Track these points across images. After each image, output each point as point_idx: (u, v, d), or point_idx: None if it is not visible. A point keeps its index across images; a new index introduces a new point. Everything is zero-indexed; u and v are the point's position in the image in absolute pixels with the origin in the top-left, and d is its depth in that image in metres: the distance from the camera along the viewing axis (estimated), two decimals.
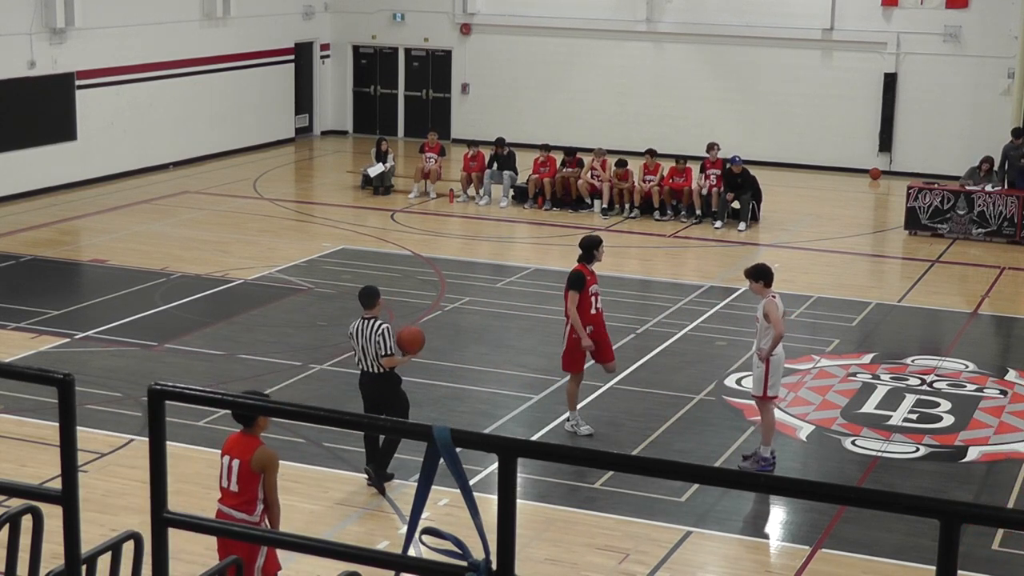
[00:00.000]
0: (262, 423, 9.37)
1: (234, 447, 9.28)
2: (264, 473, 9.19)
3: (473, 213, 25.15)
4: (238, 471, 9.18)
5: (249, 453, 9.18)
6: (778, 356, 12.76)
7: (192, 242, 21.93)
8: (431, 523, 3.76)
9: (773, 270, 13.10)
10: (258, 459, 9.15)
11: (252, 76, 30.73)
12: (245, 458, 9.17)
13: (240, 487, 9.18)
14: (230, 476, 9.22)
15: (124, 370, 15.55)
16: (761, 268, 13.02)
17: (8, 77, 24.50)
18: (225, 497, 9.30)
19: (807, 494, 3.21)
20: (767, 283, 12.90)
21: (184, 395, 3.70)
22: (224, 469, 9.26)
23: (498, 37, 32.05)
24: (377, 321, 12.20)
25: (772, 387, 12.79)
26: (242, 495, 9.18)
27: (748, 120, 30.13)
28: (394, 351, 12.18)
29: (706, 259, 22.17)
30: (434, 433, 3.34)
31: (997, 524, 3.06)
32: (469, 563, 3.36)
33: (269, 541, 8.09)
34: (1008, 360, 17.06)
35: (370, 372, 12.22)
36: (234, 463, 9.21)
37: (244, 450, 9.21)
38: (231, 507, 9.20)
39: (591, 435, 13.70)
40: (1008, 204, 23.16)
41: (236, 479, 9.19)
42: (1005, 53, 27.44)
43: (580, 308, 13.57)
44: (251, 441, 9.24)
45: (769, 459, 12.92)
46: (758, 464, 12.87)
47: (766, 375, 12.74)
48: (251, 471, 9.15)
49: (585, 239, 14.03)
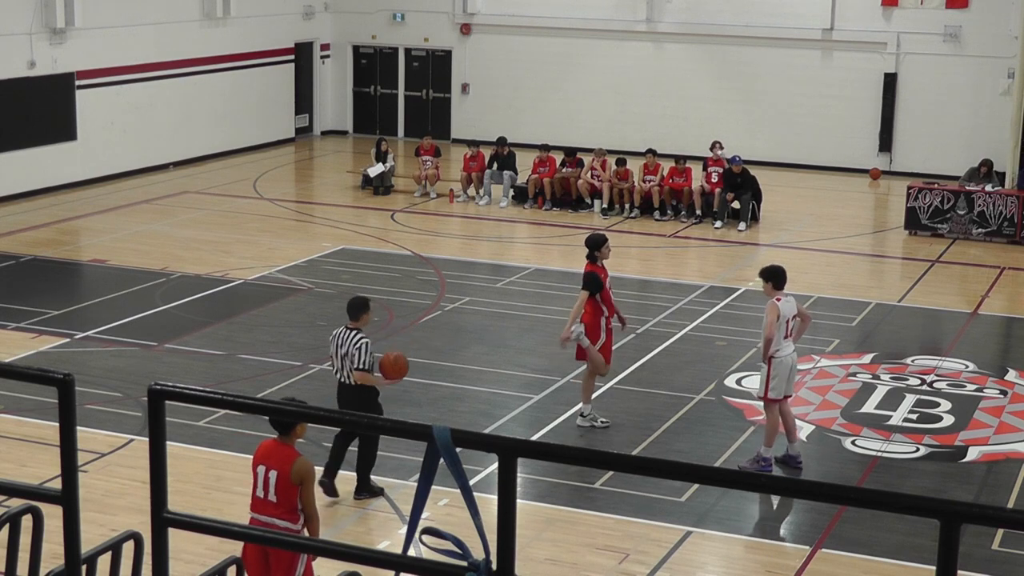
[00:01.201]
0: (299, 431, 9.11)
1: (271, 457, 8.97)
2: (303, 485, 8.92)
3: (473, 213, 25.15)
4: (276, 482, 8.88)
5: (288, 464, 8.88)
6: (783, 359, 12.74)
7: (192, 242, 21.93)
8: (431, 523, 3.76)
9: (786, 273, 13.02)
10: (298, 471, 8.87)
11: (252, 76, 30.73)
12: (284, 469, 8.87)
13: (279, 498, 8.91)
14: (267, 487, 8.92)
15: (124, 370, 15.55)
16: (772, 269, 12.99)
17: (8, 77, 24.50)
18: (261, 507, 8.97)
19: (807, 494, 3.21)
20: (776, 285, 12.89)
21: (184, 395, 3.70)
22: (260, 480, 8.95)
23: (498, 37, 32.05)
24: (359, 334, 11.82)
25: (773, 389, 12.77)
26: (282, 505, 8.90)
27: (748, 120, 30.14)
28: (368, 367, 11.76)
29: (706, 259, 22.18)
30: (434, 433, 3.35)
31: (997, 524, 3.06)
32: (469, 563, 3.36)
33: (269, 541, 8.09)
34: (1008, 360, 17.06)
35: (346, 383, 11.87)
36: (271, 474, 8.90)
37: (282, 461, 8.91)
38: (272, 517, 8.89)
39: (608, 426, 13.79)
40: (1008, 204, 23.16)
41: (275, 490, 8.90)
42: (1005, 53, 27.43)
43: (606, 304, 13.67)
44: (288, 451, 8.97)
45: (769, 460, 12.92)
46: (758, 464, 12.87)
47: (767, 377, 12.75)
48: (290, 483, 8.87)
49: (591, 238, 14.04)
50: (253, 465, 9.10)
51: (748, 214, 23.98)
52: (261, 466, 9.00)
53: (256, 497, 9.05)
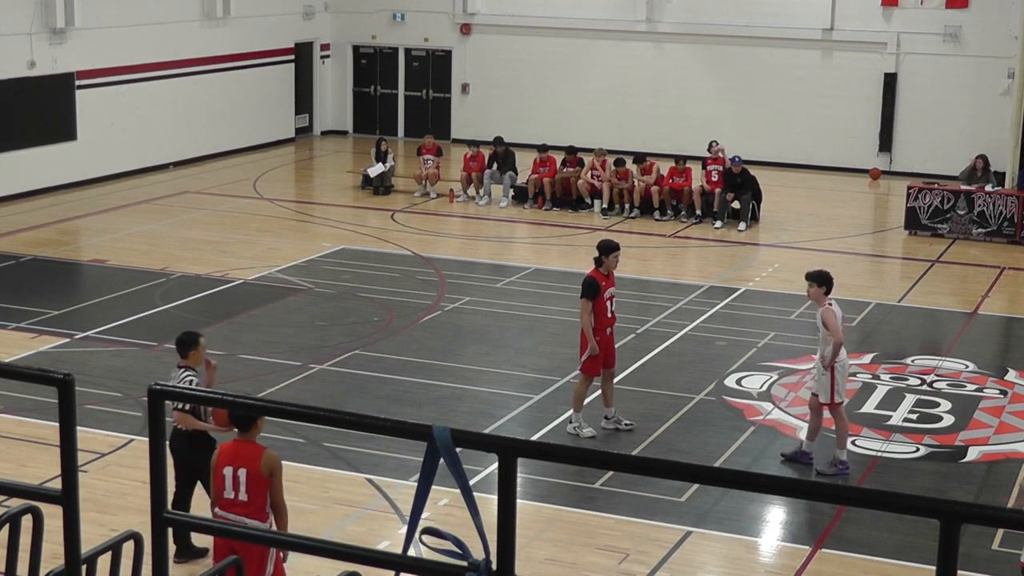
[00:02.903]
0: (260, 425, 9.11)
1: (236, 456, 8.93)
2: (272, 476, 8.93)
3: (473, 213, 25.15)
4: (247, 480, 8.86)
5: (256, 459, 8.88)
6: (842, 362, 12.82)
7: (192, 242, 21.93)
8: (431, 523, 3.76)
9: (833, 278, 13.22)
10: (267, 463, 8.88)
11: (252, 76, 30.73)
12: (254, 465, 8.87)
13: (250, 495, 8.88)
14: (237, 487, 8.88)
15: (124, 370, 15.55)
16: (824, 274, 13.12)
17: (8, 77, 24.50)
18: (230, 508, 8.92)
19: (807, 494, 3.21)
20: (827, 290, 13.00)
21: (184, 395, 3.70)
22: (228, 481, 8.90)
23: (498, 37, 32.05)
24: (186, 373, 10.43)
25: (838, 393, 12.83)
26: (252, 503, 8.89)
27: (748, 120, 30.13)
28: (190, 408, 10.25)
29: (706, 259, 22.17)
30: (434, 433, 3.35)
31: (997, 524, 3.06)
32: (469, 563, 3.36)
33: (270, 541, 8.09)
34: (1008, 360, 17.05)
35: (177, 429, 10.41)
36: (240, 472, 8.86)
37: (249, 458, 8.90)
38: (242, 516, 8.86)
39: (593, 437, 13.69)
40: (1008, 204, 23.16)
41: (245, 488, 8.87)
42: (1005, 53, 27.43)
43: (597, 312, 13.53)
44: (252, 447, 8.96)
45: (847, 462, 12.97)
46: (837, 467, 12.93)
47: (832, 382, 12.78)
48: (261, 477, 8.87)
49: (602, 242, 13.92)
50: (217, 468, 8.98)
51: (748, 214, 23.97)
52: (228, 467, 8.92)
53: (224, 499, 8.95)
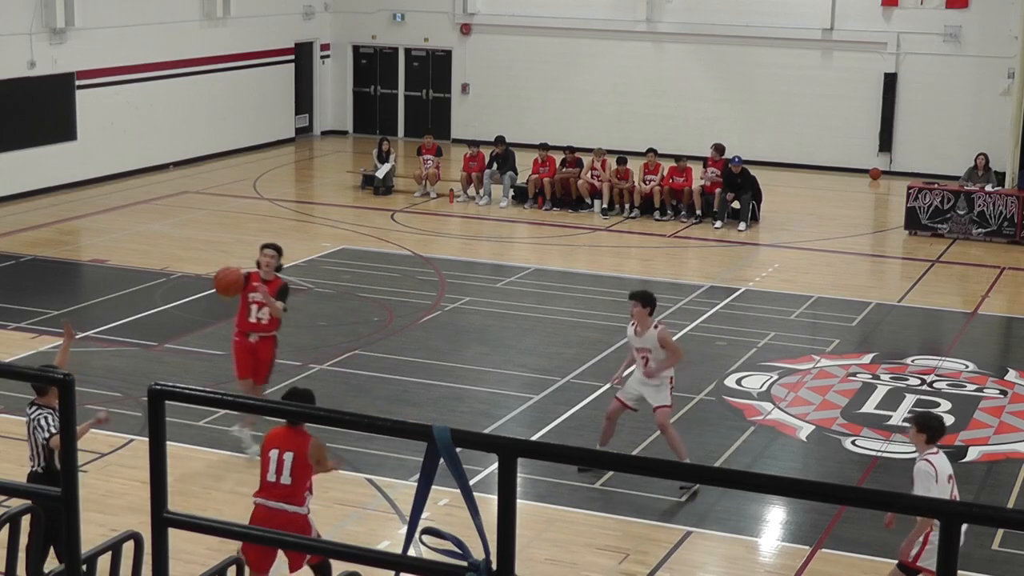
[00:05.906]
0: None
1: (284, 441, 9.41)
2: (319, 464, 9.46)
3: (473, 213, 25.14)
4: (292, 464, 9.31)
5: (304, 445, 9.35)
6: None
7: (192, 242, 21.92)
8: (431, 523, 3.76)
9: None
10: (314, 450, 9.36)
11: (252, 76, 30.72)
12: (302, 450, 9.34)
13: (294, 479, 9.33)
14: (280, 469, 9.33)
15: (124, 370, 15.55)
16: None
17: (8, 77, 24.49)
18: (269, 491, 9.37)
19: (807, 494, 3.21)
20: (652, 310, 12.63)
21: (184, 395, 3.70)
22: (273, 463, 9.35)
23: (498, 37, 32.04)
24: (41, 411, 9.97)
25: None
26: (293, 487, 9.34)
27: (748, 120, 30.13)
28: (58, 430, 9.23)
29: (706, 259, 22.17)
30: (434, 433, 3.35)
31: (997, 524, 3.06)
32: (469, 563, 3.36)
33: (270, 541, 8.09)
34: (1008, 360, 17.05)
35: (34, 471, 9.89)
36: (286, 455, 9.33)
37: (298, 443, 9.37)
38: (278, 500, 9.31)
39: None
40: (1008, 204, 23.16)
41: (289, 472, 9.32)
42: (1005, 53, 27.42)
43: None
44: (302, 434, 9.43)
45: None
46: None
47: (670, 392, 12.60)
48: (307, 463, 9.34)
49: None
50: (265, 450, 9.48)
51: (748, 214, 23.97)
52: (275, 449, 9.40)
53: (266, 482, 9.40)
